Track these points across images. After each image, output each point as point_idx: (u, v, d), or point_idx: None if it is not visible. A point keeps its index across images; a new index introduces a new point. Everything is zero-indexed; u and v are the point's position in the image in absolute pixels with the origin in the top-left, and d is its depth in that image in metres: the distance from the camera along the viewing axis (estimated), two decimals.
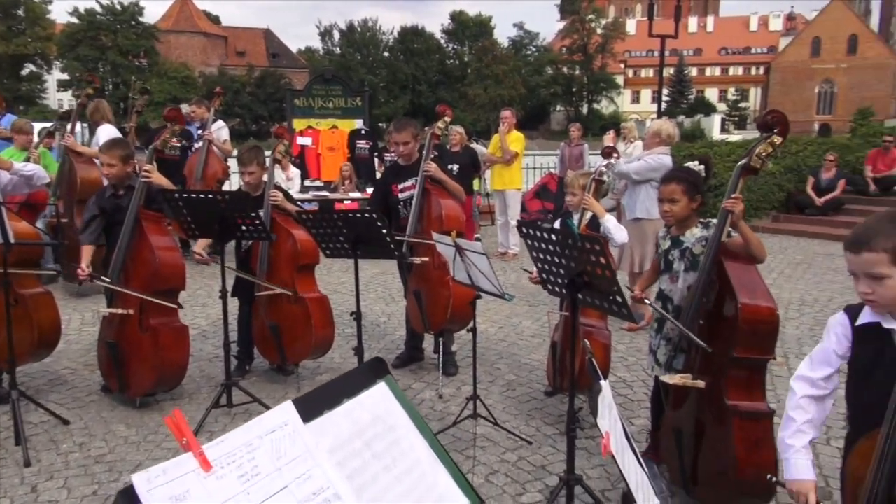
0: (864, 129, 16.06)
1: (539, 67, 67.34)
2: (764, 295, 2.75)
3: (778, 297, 6.90)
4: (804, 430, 1.97)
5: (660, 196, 3.17)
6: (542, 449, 3.72)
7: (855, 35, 69.93)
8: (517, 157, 8.81)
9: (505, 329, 5.99)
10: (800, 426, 1.97)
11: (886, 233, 1.75)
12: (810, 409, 1.98)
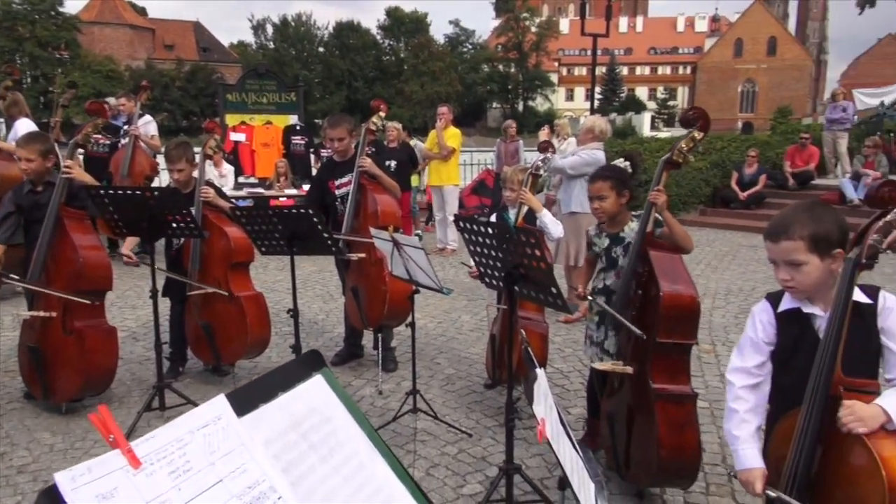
0: (783, 127, 16.86)
1: (475, 65, 67.80)
2: (685, 283, 2.85)
3: (705, 286, 7.21)
4: (747, 420, 2.01)
5: (589, 194, 3.25)
6: (482, 441, 3.76)
7: (774, 37, 73.29)
8: (454, 154, 8.85)
9: (444, 324, 6.02)
10: (742, 416, 2.02)
11: (802, 222, 1.85)
12: (749, 397, 2.03)
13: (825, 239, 1.82)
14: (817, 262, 1.83)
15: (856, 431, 1.62)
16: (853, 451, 1.65)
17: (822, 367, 1.70)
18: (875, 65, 63.41)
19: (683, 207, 11.86)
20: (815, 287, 1.86)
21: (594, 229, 3.36)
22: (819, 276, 1.84)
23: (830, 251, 1.82)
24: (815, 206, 1.90)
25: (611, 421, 3.13)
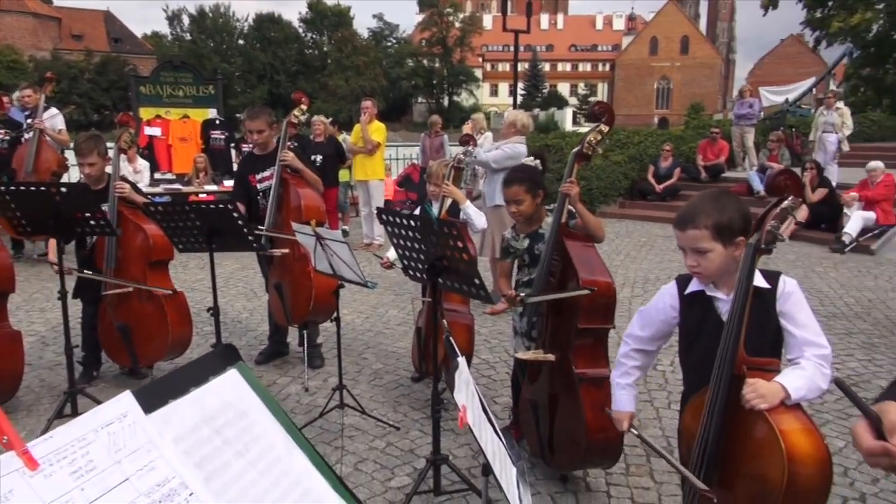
0: (695, 122, 17.61)
1: (400, 59, 67.59)
2: (601, 271, 2.95)
3: (624, 276, 7.45)
4: (631, 373, 2.32)
5: (505, 198, 3.26)
6: (409, 433, 3.77)
7: (687, 36, 76.34)
8: (379, 148, 8.80)
9: (371, 319, 5.99)
10: (628, 369, 2.32)
11: (707, 211, 1.94)
12: (638, 357, 2.31)
13: (728, 227, 1.92)
14: (721, 250, 1.92)
15: (758, 407, 1.72)
16: (756, 426, 1.75)
17: (726, 348, 1.79)
18: (779, 64, 67.03)
19: (604, 200, 12.21)
20: (720, 272, 1.96)
21: (511, 232, 3.37)
22: (723, 262, 1.94)
23: (733, 239, 1.92)
24: (719, 196, 2.00)
25: (534, 408, 3.20)
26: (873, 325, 5.67)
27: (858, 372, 4.63)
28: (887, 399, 1.16)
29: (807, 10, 22.54)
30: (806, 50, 48.30)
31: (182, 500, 0.83)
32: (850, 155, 11.46)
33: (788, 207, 1.77)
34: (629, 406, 2.32)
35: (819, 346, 1.89)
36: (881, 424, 1.12)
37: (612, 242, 9.65)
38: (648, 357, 2.32)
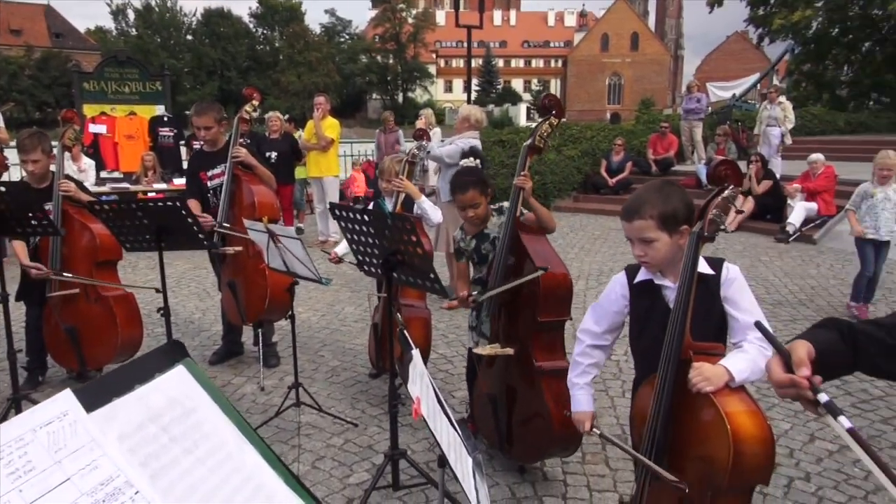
0: (645, 117, 17.94)
1: (353, 55, 67.04)
2: (558, 263, 2.99)
3: (579, 269, 7.56)
4: (588, 371, 2.32)
5: (461, 205, 3.23)
6: (368, 430, 3.76)
7: (636, 33, 77.67)
8: (333, 144, 8.73)
9: (328, 316, 5.95)
10: (585, 368, 2.31)
11: (653, 202, 1.99)
12: (594, 354, 2.32)
13: (673, 217, 1.97)
14: (666, 239, 1.97)
15: (704, 391, 1.76)
16: (702, 409, 1.80)
17: (673, 333, 1.84)
18: (725, 60, 68.78)
19: (558, 194, 12.35)
20: (666, 261, 2.01)
21: (460, 234, 3.36)
22: (669, 251, 1.99)
23: (678, 228, 1.97)
24: (663, 187, 2.05)
25: (492, 401, 3.22)
26: (816, 311, 5.88)
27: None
28: (800, 339, 1.29)
29: (750, 8, 23.16)
30: (750, 46, 49.74)
31: (127, 499, 0.81)
32: (792, 148, 11.83)
33: (729, 196, 1.82)
34: (589, 406, 2.30)
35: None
36: (790, 360, 1.24)
37: (566, 236, 9.78)
38: (603, 352, 2.33)
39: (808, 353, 1.23)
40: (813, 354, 1.23)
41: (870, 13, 19.75)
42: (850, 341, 1.27)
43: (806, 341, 1.26)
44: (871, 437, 3.56)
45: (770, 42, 23.89)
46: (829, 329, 1.31)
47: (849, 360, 1.27)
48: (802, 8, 20.32)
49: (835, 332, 1.29)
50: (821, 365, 1.23)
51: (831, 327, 1.31)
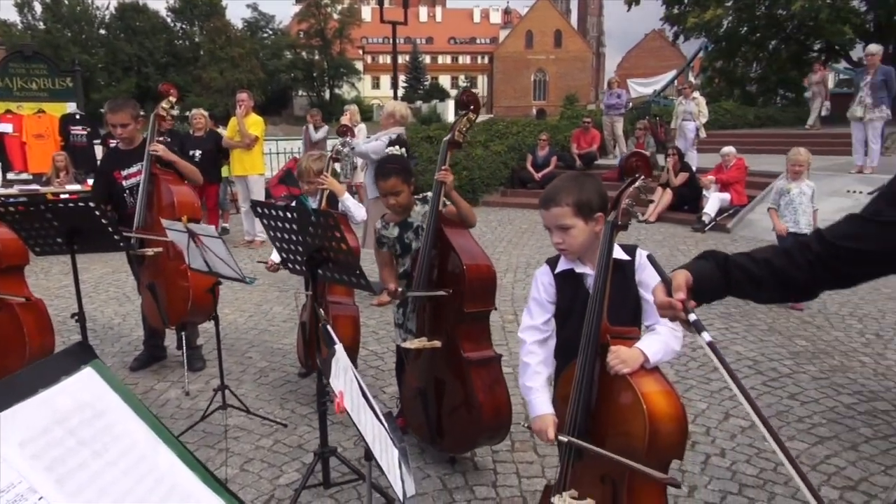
0: (569, 113, 18.36)
1: (277, 51, 65.64)
2: (481, 255, 3.04)
3: (507, 262, 7.68)
4: (539, 371, 2.22)
5: (384, 192, 3.25)
6: (298, 429, 3.72)
7: (560, 30, 79.23)
8: (257, 142, 8.55)
9: (255, 317, 5.84)
10: (534, 368, 2.22)
11: (568, 190, 2.06)
12: (539, 351, 2.25)
13: (587, 204, 2.04)
14: (582, 226, 2.04)
15: (621, 372, 1.83)
16: (620, 390, 1.87)
17: (591, 318, 1.90)
18: (644, 57, 71.05)
19: (486, 189, 12.50)
20: (583, 248, 2.08)
21: (381, 223, 3.38)
22: (585, 238, 2.06)
23: (593, 215, 2.05)
24: (578, 177, 2.12)
25: (422, 395, 3.25)
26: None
27: (718, 340, 5.02)
28: (682, 268, 1.46)
29: (665, 7, 24.01)
30: (667, 44, 51.57)
31: None
32: (707, 141, 12.35)
33: (641, 187, 1.90)
34: (547, 408, 2.11)
35: None
36: (671, 285, 1.43)
37: (494, 230, 9.91)
38: (547, 348, 2.28)
39: (686, 280, 1.41)
40: (690, 281, 1.41)
41: (775, 13, 20.79)
42: (723, 270, 1.44)
43: (686, 270, 1.43)
44: (779, 413, 3.78)
45: (685, 40, 24.83)
46: (707, 259, 1.47)
47: (722, 286, 1.44)
48: (714, 7, 21.19)
49: (712, 261, 1.46)
50: (698, 290, 1.42)
51: (709, 258, 1.48)
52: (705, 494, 3.00)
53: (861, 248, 1.33)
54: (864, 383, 4.20)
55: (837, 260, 1.35)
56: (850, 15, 19.62)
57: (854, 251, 1.33)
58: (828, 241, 1.37)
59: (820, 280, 1.40)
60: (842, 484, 3.07)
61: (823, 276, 1.38)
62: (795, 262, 1.40)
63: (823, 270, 1.37)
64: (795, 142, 12.19)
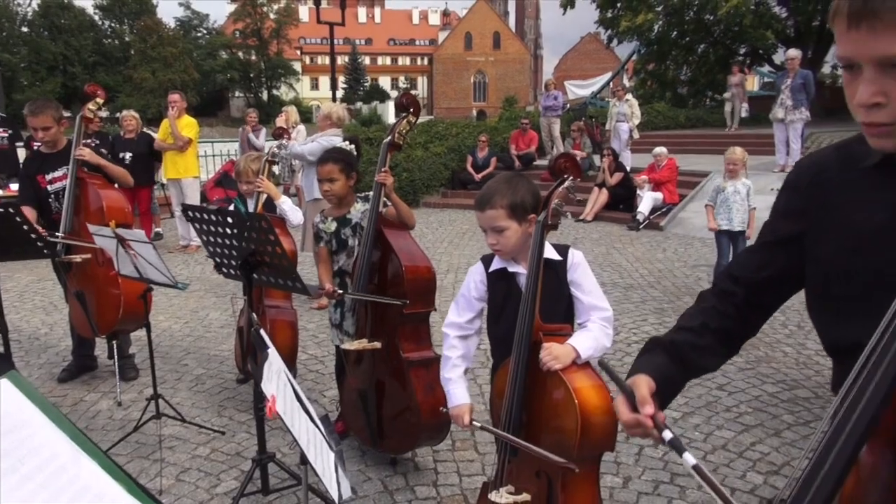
0: (507, 114, 18.58)
1: (212, 51, 64.14)
2: (421, 256, 3.06)
3: (448, 263, 7.72)
4: (458, 365, 2.32)
5: (319, 177, 3.30)
6: (236, 437, 3.65)
7: (498, 32, 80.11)
8: (191, 144, 8.34)
9: (191, 323, 5.70)
10: (454, 362, 2.31)
11: (502, 192, 2.10)
12: (461, 346, 2.33)
13: (521, 206, 2.08)
14: (516, 227, 2.09)
15: (553, 368, 1.88)
16: (553, 386, 1.92)
17: (524, 317, 1.95)
18: (580, 59, 72.61)
19: (427, 191, 12.53)
20: (517, 248, 2.12)
21: (320, 217, 3.39)
22: (519, 238, 2.10)
23: (526, 216, 2.09)
24: (512, 179, 2.16)
25: (362, 397, 3.24)
26: (663, 292, 6.38)
27: (651, 334, 5.15)
28: (638, 372, 1.30)
29: (599, 11, 24.57)
30: (602, 47, 52.76)
31: None
32: (640, 142, 12.70)
33: (569, 187, 1.95)
34: (464, 399, 2.27)
35: (602, 310, 2.11)
36: (634, 398, 1.24)
37: (435, 231, 9.95)
38: (469, 343, 2.37)
39: (650, 388, 1.24)
40: (654, 388, 1.24)
41: (703, 18, 21.54)
42: (677, 359, 1.32)
43: (646, 376, 1.27)
44: (708, 403, 3.93)
45: (618, 43, 25.42)
46: (657, 353, 1.34)
47: (681, 377, 1.33)
48: (645, 12, 21.79)
49: (663, 354, 1.32)
50: (662, 393, 1.27)
51: (658, 351, 1.34)
52: (639, 485, 3.10)
53: (773, 275, 1.29)
54: (786, 372, 4.41)
55: (762, 294, 1.32)
56: (772, 21, 20.52)
57: (769, 279, 1.29)
58: (745, 279, 1.33)
59: (751, 321, 1.35)
60: (766, 469, 3.22)
61: (754, 315, 1.34)
62: (726, 313, 1.34)
63: (751, 310, 1.33)
64: (724, 142, 12.68)
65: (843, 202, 1.14)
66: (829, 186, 1.18)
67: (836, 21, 0.99)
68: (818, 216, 1.19)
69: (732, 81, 15.84)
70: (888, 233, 1.05)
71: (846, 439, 0.83)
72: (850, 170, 1.14)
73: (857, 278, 1.11)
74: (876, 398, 0.82)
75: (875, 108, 0.97)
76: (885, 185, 1.07)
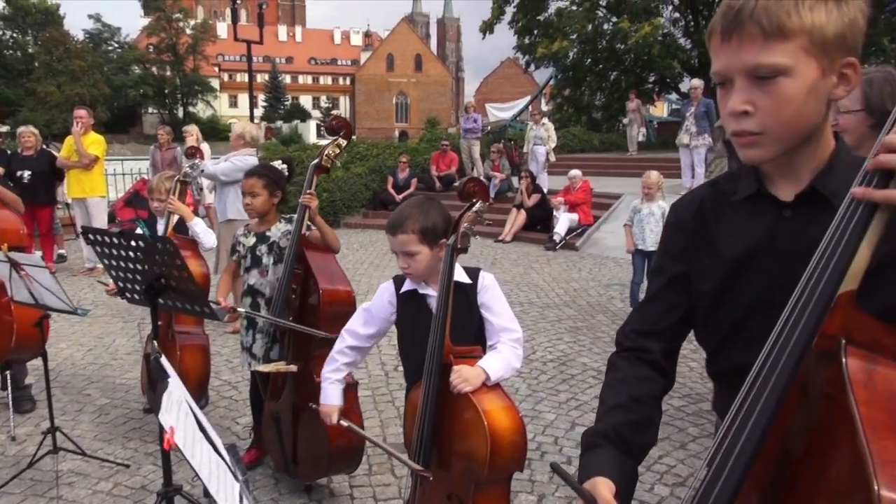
0: (428, 135, 18.78)
1: (124, 65, 61.76)
2: (341, 280, 3.04)
3: (369, 284, 7.68)
4: (342, 370, 2.38)
5: (242, 189, 3.29)
6: (141, 469, 3.49)
7: (420, 54, 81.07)
8: (97, 162, 7.99)
9: (95, 350, 5.43)
10: (340, 366, 2.37)
11: (414, 217, 2.12)
12: (352, 354, 2.38)
13: (433, 231, 2.11)
14: (427, 251, 2.11)
15: (463, 391, 1.90)
16: (463, 408, 1.94)
17: (435, 339, 1.96)
18: (500, 83, 74.32)
19: (347, 211, 12.46)
20: (428, 272, 2.15)
21: (242, 230, 3.37)
22: (430, 262, 2.12)
23: (438, 241, 2.12)
24: (424, 203, 2.19)
25: (276, 421, 3.17)
26: (578, 311, 6.56)
27: (566, 353, 5.32)
28: (593, 474, 1.16)
29: (517, 37, 25.31)
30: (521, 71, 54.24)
31: None
32: (556, 164, 13.08)
33: (479, 210, 2.00)
34: (338, 400, 2.38)
35: (512, 331, 2.15)
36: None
37: (356, 252, 9.89)
38: (361, 354, 2.41)
39: (611, 491, 1.11)
40: (614, 490, 1.12)
41: (615, 47, 22.56)
42: (625, 449, 1.21)
43: (603, 478, 1.13)
44: None
45: (536, 68, 26.24)
46: (606, 448, 1.21)
47: (635, 465, 1.24)
48: (560, 39, 22.62)
49: (612, 448, 1.21)
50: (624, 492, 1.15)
51: (606, 445, 1.22)
52: (553, 502, 3.16)
53: (681, 316, 1.27)
54: (692, 386, 4.61)
55: (676, 339, 1.30)
56: (678, 51, 21.72)
57: (678, 322, 1.28)
58: (655, 332, 1.29)
59: (669, 373, 1.30)
60: (672, 481, 3.35)
61: (670, 366, 1.30)
62: (644, 377, 1.27)
63: (668, 360, 1.30)
64: (636, 165, 13.23)
65: (717, 235, 1.20)
66: (707, 219, 1.23)
67: (712, 39, 1.06)
68: (698, 249, 1.23)
69: (630, 107, 16.55)
70: (754, 263, 1.11)
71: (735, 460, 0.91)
72: (722, 204, 1.21)
73: (730, 308, 1.17)
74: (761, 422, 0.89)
75: (744, 117, 1.03)
76: (752, 217, 1.15)
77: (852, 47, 1.01)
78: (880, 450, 0.79)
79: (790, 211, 1.09)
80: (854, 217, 0.89)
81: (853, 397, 0.83)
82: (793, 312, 0.91)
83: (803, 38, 0.98)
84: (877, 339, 0.89)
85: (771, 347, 0.92)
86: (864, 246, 0.88)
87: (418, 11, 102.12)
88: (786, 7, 0.97)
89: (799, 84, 1.00)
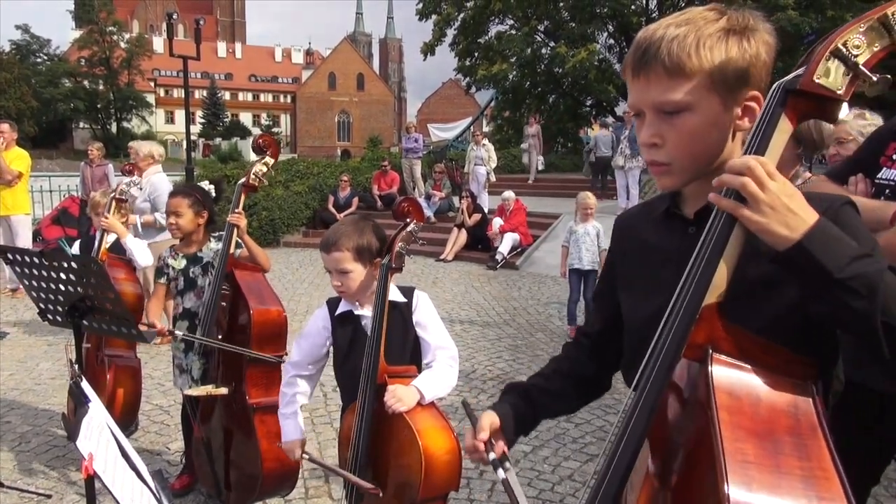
0: (370, 155, 18.77)
1: (54, 78, 59.52)
2: (272, 299, 3.00)
3: (308, 303, 7.59)
4: (294, 401, 2.33)
5: (167, 210, 3.21)
6: (65, 499, 3.34)
7: (362, 74, 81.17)
8: (21, 178, 7.65)
9: (17, 375, 5.17)
10: (290, 398, 2.33)
11: (349, 234, 2.11)
12: (301, 384, 2.33)
13: (367, 249, 2.11)
14: (361, 270, 2.11)
15: (398, 411, 1.90)
16: (398, 428, 1.93)
17: (369, 359, 1.96)
18: (442, 104, 74.94)
19: (287, 230, 12.29)
20: (362, 291, 2.14)
21: (168, 251, 3.27)
22: (364, 281, 2.12)
23: (372, 259, 2.12)
24: (358, 222, 2.19)
25: (207, 446, 3.08)
26: (517, 329, 6.63)
27: (506, 371, 5.36)
28: (489, 409, 1.43)
29: (458, 59, 25.67)
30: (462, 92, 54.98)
31: None
32: (496, 184, 13.26)
33: (413, 230, 2.01)
34: (298, 434, 2.32)
35: (447, 349, 2.17)
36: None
37: (296, 271, 9.77)
38: (310, 382, 2.36)
39: (491, 422, 1.37)
40: (497, 424, 1.38)
41: (553, 70, 23.14)
42: (528, 401, 1.45)
43: (492, 412, 1.41)
44: (557, 436, 4.11)
45: (477, 90, 26.66)
46: (512, 395, 1.47)
47: (531, 415, 1.45)
48: (499, 62, 23.08)
49: (516, 397, 1.46)
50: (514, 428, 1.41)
51: (513, 393, 1.47)
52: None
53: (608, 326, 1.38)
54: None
55: (607, 344, 1.42)
56: (613, 76, 22.41)
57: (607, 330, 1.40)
58: (589, 332, 1.47)
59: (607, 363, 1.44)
60: None
61: (609, 359, 1.43)
62: (578, 360, 1.46)
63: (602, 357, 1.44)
64: (574, 186, 13.52)
65: (637, 249, 1.28)
66: (631, 235, 1.32)
67: (625, 74, 1.13)
68: (622, 265, 1.33)
69: (529, 132, 16.58)
70: (661, 278, 1.14)
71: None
72: (645, 221, 1.29)
73: (638, 325, 1.22)
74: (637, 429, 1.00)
75: (654, 148, 1.10)
76: (666, 234, 1.21)
77: (756, 81, 1.06)
78: (735, 451, 0.86)
79: (694, 227, 1.14)
80: (714, 234, 0.98)
81: (715, 402, 0.91)
82: (666, 324, 0.99)
83: (704, 76, 1.03)
84: (744, 349, 0.97)
85: (647, 358, 1.01)
86: (723, 262, 0.96)
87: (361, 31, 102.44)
88: (687, 48, 1.03)
89: (702, 119, 1.05)
